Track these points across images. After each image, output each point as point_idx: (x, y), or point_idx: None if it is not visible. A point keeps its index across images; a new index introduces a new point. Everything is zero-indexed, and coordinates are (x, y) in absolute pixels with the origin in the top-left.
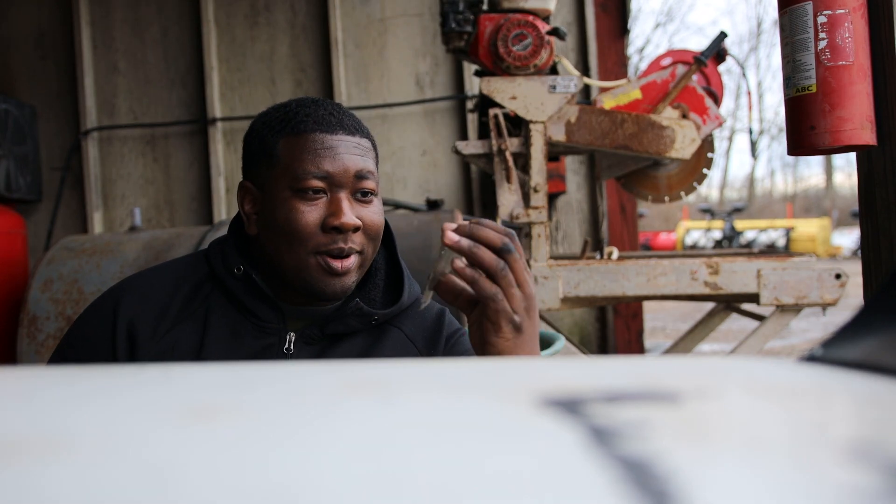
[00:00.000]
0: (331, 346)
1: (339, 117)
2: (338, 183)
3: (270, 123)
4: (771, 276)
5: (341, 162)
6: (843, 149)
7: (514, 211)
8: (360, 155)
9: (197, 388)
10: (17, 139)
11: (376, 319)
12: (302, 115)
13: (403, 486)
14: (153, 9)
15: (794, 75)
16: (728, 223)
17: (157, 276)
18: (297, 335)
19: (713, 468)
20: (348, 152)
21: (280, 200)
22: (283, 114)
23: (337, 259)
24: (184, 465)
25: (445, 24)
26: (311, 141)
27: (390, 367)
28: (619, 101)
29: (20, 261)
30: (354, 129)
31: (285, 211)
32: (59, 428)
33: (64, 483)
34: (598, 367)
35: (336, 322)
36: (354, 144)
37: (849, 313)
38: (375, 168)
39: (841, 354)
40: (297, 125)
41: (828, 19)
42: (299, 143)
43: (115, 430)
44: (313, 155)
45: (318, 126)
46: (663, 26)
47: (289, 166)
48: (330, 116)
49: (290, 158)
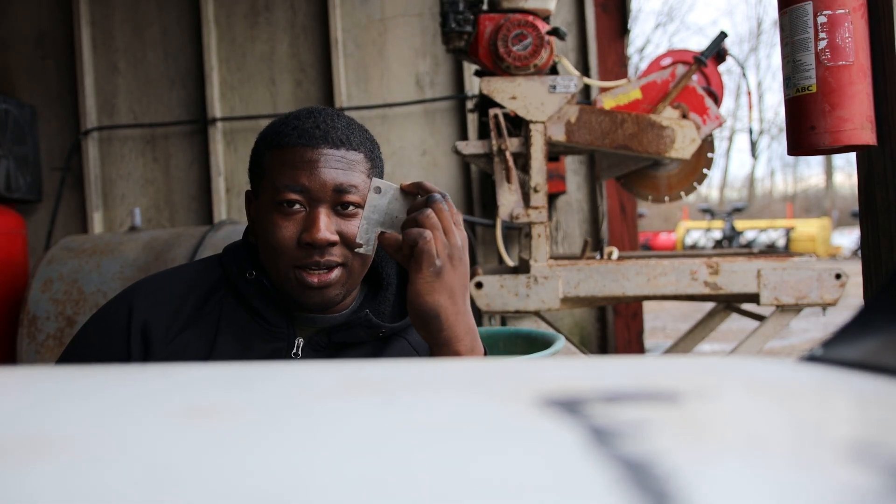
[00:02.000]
0: (338, 353)
1: (325, 130)
2: (316, 197)
3: (265, 134)
4: (771, 276)
5: (318, 176)
6: (843, 149)
7: (514, 211)
8: (342, 169)
9: (196, 387)
10: (17, 139)
11: (384, 332)
12: (289, 127)
13: (403, 486)
14: (153, 9)
15: (794, 75)
16: (728, 223)
17: (171, 278)
18: (305, 341)
19: (713, 468)
20: (328, 166)
21: (264, 213)
22: (275, 126)
23: (314, 274)
24: (181, 464)
25: (445, 24)
26: (291, 154)
27: (390, 367)
28: (619, 101)
29: (20, 261)
30: (341, 142)
31: (266, 224)
32: (56, 428)
33: (51, 482)
34: (598, 367)
35: (344, 332)
36: (337, 158)
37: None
38: (369, 179)
39: (841, 354)
40: (282, 138)
41: (828, 19)
42: (281, 156)
43: (115, 429)
44: (292, 169)
45: (301, 140)
46: (663, 26)
47: (271, 179)
48: (315, 129)
49: (272, 171)
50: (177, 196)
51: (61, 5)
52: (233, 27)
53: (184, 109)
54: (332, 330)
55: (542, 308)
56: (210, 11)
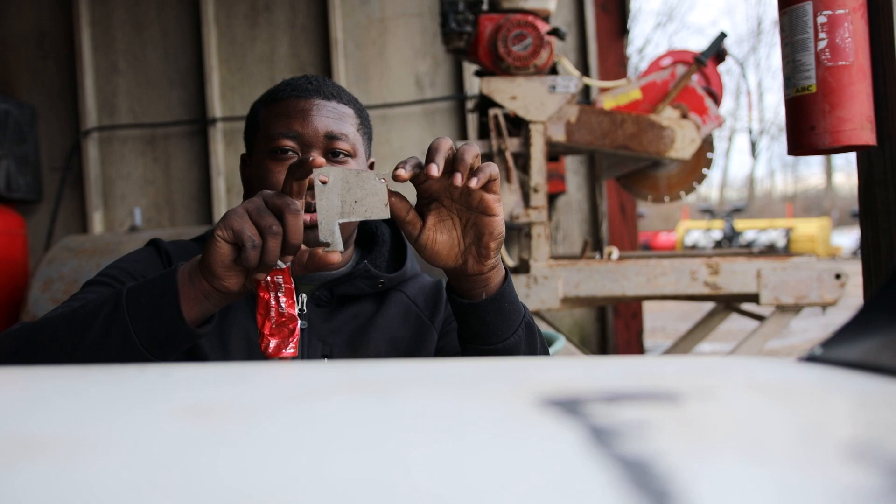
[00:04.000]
0: (340, 307)
1: (317, 85)
2: (308, 143)
3: (260, 98)
4: (771, 276)
5: (311, 123)
6: (843, 149)
7: (514, 211)
8: (333, 118)
9: (195, 387)
10: (17, 139)
11: (382, 282)
12: (283, 84)
13: (403, 486)
14: (153, 9)
15: (794, 75)
16: (728, 223)
17: (181, 242)
18: (308, 296)
19: (713, 468)
20: (320, 114)
21: (258, 163)
22: (270, 88)
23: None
24: (180, 464)
25: (445, 24)
26: (284, 105)
27: (391, 366)
28: (619, 101)
29: (20, 261)
30: (332, 95)
31: (261, 172)
32: (55, 427)
33: (48, 481)
34: (598, 367)
35: (345, 284)
36: (329, 108)
37: (849, 313)
38: (359, 134)
39: (841, 354)
40: (277, 94)
41: (828, 19)
42: (275, 108)
43: (115, 429)
44: (286, 118)
45: (294, 92)
46: (663, 26)
47: (265, 131)
48: (308, 84)
49: (267, 123)
50: (177, 196)
51: (61, 5)
52: (233, 27)
53: (184, 109)
54: (333, 283)
55: (542, 308)
56: (210, 11)
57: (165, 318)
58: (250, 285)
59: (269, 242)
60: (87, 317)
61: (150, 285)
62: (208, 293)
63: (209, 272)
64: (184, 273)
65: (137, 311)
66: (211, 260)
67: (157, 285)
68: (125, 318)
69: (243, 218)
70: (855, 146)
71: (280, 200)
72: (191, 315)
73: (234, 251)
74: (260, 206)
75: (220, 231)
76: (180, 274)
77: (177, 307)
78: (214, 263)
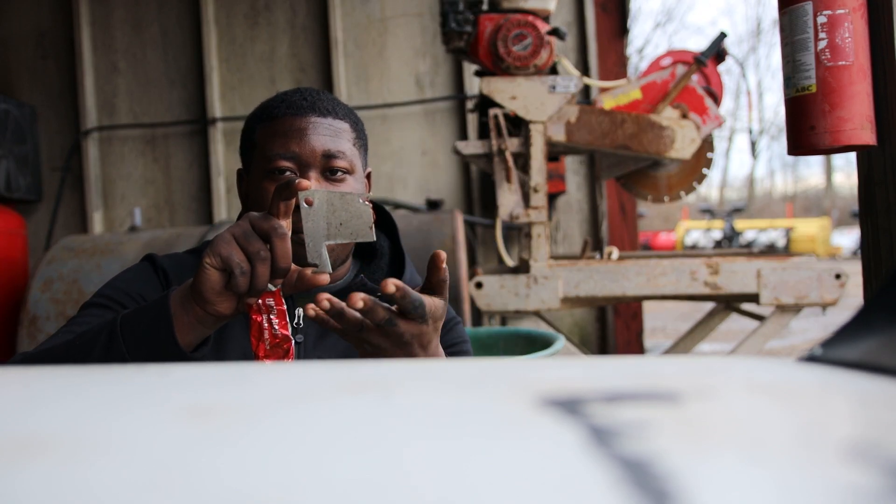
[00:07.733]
0: None
1: (312, 101)
2: (306, 163)
3: (255, 113)
4: (771, 276)
5: (308, 143)
6: (843, 149)
7: (514, 211)
8: (329, 136)
9: (195, 387)
10: (17, 139)
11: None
12: (278, 101)
13: (403, 486)
14: (153, 9)
15: (794, 75)
16: (728, 223)
17: (178, 254)
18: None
19: (713, 468)
20: (316, 133)
21: (256, 183)
22: (264, 104)
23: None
24: (178, 463)
25: (445, 24)
26: (280, 124)
27: (390, 366)
28: (619, 101)
29: (20, 261)
30: (328, 111)
31: (259, 193)
32: (53, 427)
33: (46, 481)
34: (598, 367)
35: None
36: (325, 126)
37: (849, 313)
38: (356, 149)
39: (841, 354)
40: (272, 111)
41: (828, 19)
42: (271, 127)
43: (114, 429)
44: (282, 137)
45: (289, 110)
46: (663, 26)
47: (262, 150)
48: (302, 101)
49: (264, 143)
50: (177, 196)
51: (61, 5)
52: (233, 27)
53: (184, 109)
54: None
55: (542, 308)
56: (210, 11)
57: (161, 345)
58: (243, 307)
59: (258, 268)
60: (84, 347)
61: (144, 313)
62: (202, 318)
63: (201, 298)
64: (175, 299)
65: (133, 340)
66: (202, 287)
67: (151, 313)
68: (121, 348)
69: (231, 244)
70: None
71: (267, 224)
72: (185, 340)
73: (223, 277)
74: (247, 230)
75: (208, 258)
76: (172, 300)
77: (171, 334)
78: (205, 290)
